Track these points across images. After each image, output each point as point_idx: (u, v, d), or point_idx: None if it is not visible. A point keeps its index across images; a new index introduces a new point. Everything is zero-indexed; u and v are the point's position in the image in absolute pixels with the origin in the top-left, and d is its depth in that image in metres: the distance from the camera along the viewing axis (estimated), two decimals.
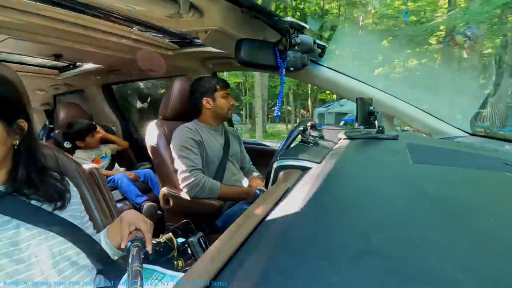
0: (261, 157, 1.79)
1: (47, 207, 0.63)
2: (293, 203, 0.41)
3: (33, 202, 0.61)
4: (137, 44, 1.50)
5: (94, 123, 2.15)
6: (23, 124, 0.59)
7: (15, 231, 0.57)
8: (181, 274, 0.59)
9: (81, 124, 2.03)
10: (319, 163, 0.59)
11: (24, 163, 0.60)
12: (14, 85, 0.61)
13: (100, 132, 2.16)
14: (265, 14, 0.96)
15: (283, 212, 0.39)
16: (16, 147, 0.59)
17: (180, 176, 1.33)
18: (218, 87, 1.43)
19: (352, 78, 1.34)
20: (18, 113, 0.59)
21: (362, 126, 0.95)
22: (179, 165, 1.34)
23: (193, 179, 1.29)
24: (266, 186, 0.75)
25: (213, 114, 1.46)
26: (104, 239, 0.70)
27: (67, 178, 0.72)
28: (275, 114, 1.08)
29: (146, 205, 1.79)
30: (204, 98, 1.44)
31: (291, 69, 1.07)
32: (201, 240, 0.75)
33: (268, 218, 0.38)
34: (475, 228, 0.32)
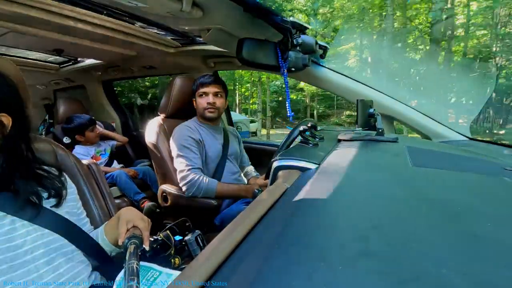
0: (260, 157, 1.79)
1: (43, 203, 0.62)
2: (291, 203, 0.41)
3: (25, 198, 0.60)
4: (138, 40, 1.49)
5: (93, 118, 2.15)
6: (5, 118, 0.57)
7: (11, 227, 0.57)
8: (177, 272, 0.59)
9: (80, 118, 2.02)
10: (318, 164, 0.58)
11: (5, 158, 0.58)
12: (2, 78, 0.59)
13: (99, 129, 2.15)
14: (268, 13, 0.96)
15: (282, 212, 0.39)
16: None
17: (179, 175, 1.33)
18: (197, 86, 1.43)
19: (353, 79, 1.34)
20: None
21: (362, 128, 0.95)
22: (178, 163, 1.35)
23: (190, 178, 1.29)
24: (264, 185, 0.74)
25: (198, 114, 1.47)
26: (101, 236, 0.70)
27: (65, 175, 0.72)
28: (288, 116, 1.06)
29: (147, 204, 1.79)
30: (193, 98, 1.47)
31: (292, 69, 1.07)
32: (198, 239, 0.75)
33: (266, 218, 0.38)
34: (473, 232, 0.32)
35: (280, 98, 14.71)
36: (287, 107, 1.05)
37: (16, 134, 0.59)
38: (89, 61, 2.15)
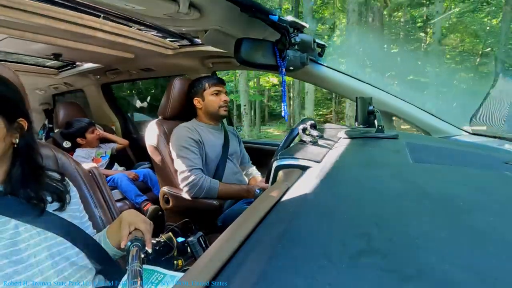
0: (261, 157, 1.79)
1: (46, 207, 0.63)
2: (293, 202, 0.41)
3: (32, 202, 0.61)
4: (136, 43, 1.49)
5: (92, 121, 2.16)
6: (23, 123, 0.60)
7: (14, 231, 0.57)
8: (181, 275, 0.59)
9: (80, 122, 2.04)
10: (319, 162, 0.58)
11: (21, 162, 0.61)
12: (16, 86, 0.62)
13: (99, 131, 2.16)
14: (265, 13, 0.95)
15: (283, 212, 0.39)
16: (15, 145, 0.60)
17: (179, 176, 1.33)
18: (207, 85, 1.44)
19: (352, 77, 1.34)
20: (19, 112, 0.60)
21: (361, 125, 0.95)
22: (178, 165, 1.35)
23: (192, 179, 1.29)
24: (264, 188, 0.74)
25: (205, 114, 1.47)
26: (104, 239, 0.70)
27: (67, 179, 0.73)
28: (282, 115, 1.06)
29: (150, 207, 1.79)
30: (195, 98, 1.46)
31: (291, 68, 1.07)
32: (201, 240, 0.75)
33: (268, 217, 0.38)
34: (475, 227, 0.32)
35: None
36: (283, 106, 1.05)
37: (30, 138, 0.63)
38: (88, 65, 2.16)
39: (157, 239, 0.69)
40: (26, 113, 0.62)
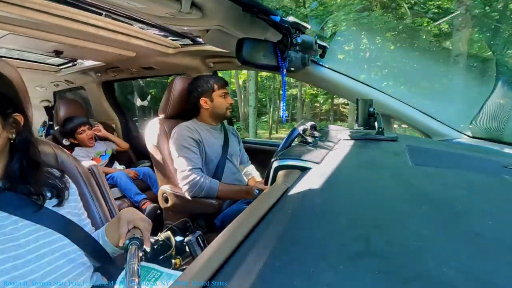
0: (260, 157, 1.79)
1: (45, 203, 0.63)
2: (292, 203, 0.41)
3: (31, 198, 0.61)
4: (137, 41, 1.49)
5: (85, 119, 2.10)
6: (19, 118, 0.60)
7: (13, 227, 0.57)
8: (178, 273, 0.59)
9: (70, 122, 2.01)
10: (318, 164, 0.58)
11: (19, 157, 0.61)
12: (10, 81, 0.62)
13: (101, 131, 2.15)
14: (267, 13, 0.96)
15: (282, 212, 0.39)
16: (12, 141, 0.60)
17: (179, 175, 1.33)
18: (216, 86, 1.43)
19: (353, 79, 1.34)
20: (14, 108, 0.59)
21: (362, 127, 0.95)
22: (178, 164, 1.34)
23: (191, 178, 1.29)
24: (265, 185, 0.75)
25: (211, 114, 1.46)
26: (102, 237, 0.70)
27: (66, 176, 0.73)
28: (281, 116, 1.06)
29: (149, 206, 1.79)
30: (202, 98, 1.44)
31: (292, 69, 1.07)
32: (199, 239, 0.75)
33: (267, 218, 0.38)
34: (473, 231, 0.32)
35: None
36: (282, 107, 1.05)
37: (28, 133, 0.62)
38: (89, 63, 2.15)
39: (155, 237, 0.69)
40: (22, 109, 0.62)
